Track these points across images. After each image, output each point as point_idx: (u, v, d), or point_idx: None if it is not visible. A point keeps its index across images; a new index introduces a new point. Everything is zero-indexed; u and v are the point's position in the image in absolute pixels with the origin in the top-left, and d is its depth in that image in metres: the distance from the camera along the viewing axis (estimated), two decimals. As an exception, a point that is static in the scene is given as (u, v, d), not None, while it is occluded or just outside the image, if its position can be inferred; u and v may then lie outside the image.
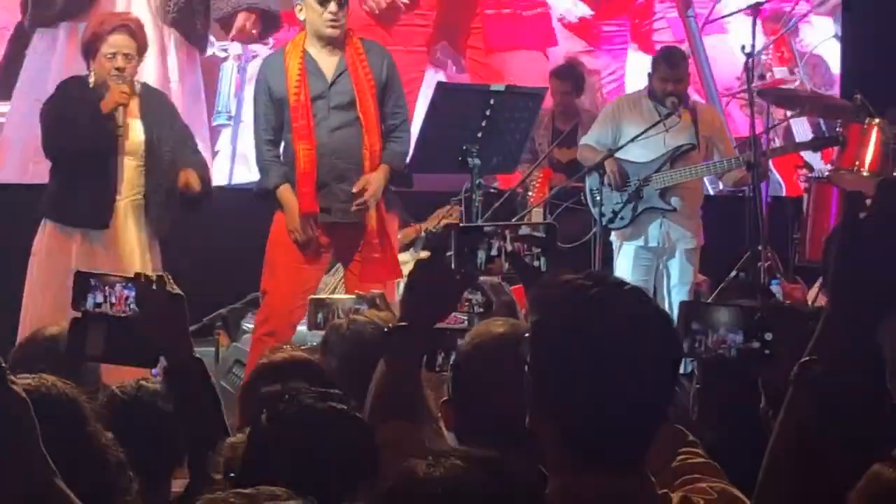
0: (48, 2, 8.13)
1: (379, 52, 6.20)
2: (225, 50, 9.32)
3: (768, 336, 2.52)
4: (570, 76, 8.26)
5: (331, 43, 6.04)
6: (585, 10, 9.17)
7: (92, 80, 6.09)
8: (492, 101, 6.11)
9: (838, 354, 1.82)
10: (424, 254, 7.25)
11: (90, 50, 6.12)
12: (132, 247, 6.07)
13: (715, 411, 3.00)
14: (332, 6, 5.97)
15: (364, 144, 6.00)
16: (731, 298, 5.59)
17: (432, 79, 8.36)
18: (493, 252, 2.80)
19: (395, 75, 6.19)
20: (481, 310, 3.68)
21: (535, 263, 2.78)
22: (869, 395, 1.85)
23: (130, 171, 6.08)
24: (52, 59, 8.06)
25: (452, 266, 2.78)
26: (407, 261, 7.64)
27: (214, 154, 8.48)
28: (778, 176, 7.87)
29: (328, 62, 6.05)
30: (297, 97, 5.96)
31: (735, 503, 2.26)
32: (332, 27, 6.00)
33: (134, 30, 6.11)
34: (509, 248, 2.77)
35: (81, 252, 6.00)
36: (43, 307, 5.97)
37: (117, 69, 6.00)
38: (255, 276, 6.29)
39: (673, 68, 7.30)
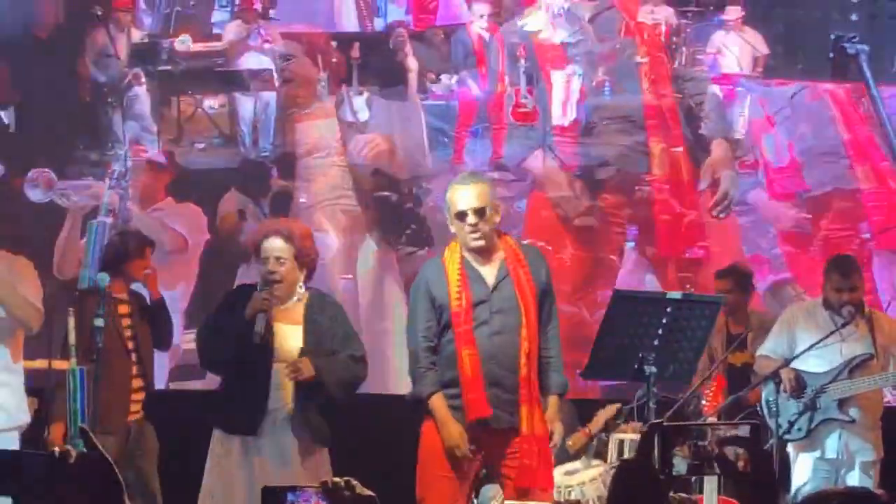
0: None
1: (538, 258, 6.21)
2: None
3: None
4: (730, 275, 8.12)
5: (482, 252, 6.08)
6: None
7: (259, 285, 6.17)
8: (668, 309, 6.06)
9: None
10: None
11: (254, 258, 6.30)
12: (291, 454, 6.05)
13: None
14: (471, 218, 5.96)
15: (522, 350, 5.96)
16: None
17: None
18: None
19: (550, 282, 6.17)
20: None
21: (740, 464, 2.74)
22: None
23: (285, 378, 6.05)
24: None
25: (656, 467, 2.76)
26: (578, 468, 7.56)
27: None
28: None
29: (487, 269, 6.06)
30: (458, 303, 5.96)
31: None
32: (476, 239, 6.03)
33: (288, 235, 6.13)
34: (713, 448, 2.74)
35: (240, 460, 6.04)
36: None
37: (269, 272, 6.11)
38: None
39: (846, 277, 7.24)
